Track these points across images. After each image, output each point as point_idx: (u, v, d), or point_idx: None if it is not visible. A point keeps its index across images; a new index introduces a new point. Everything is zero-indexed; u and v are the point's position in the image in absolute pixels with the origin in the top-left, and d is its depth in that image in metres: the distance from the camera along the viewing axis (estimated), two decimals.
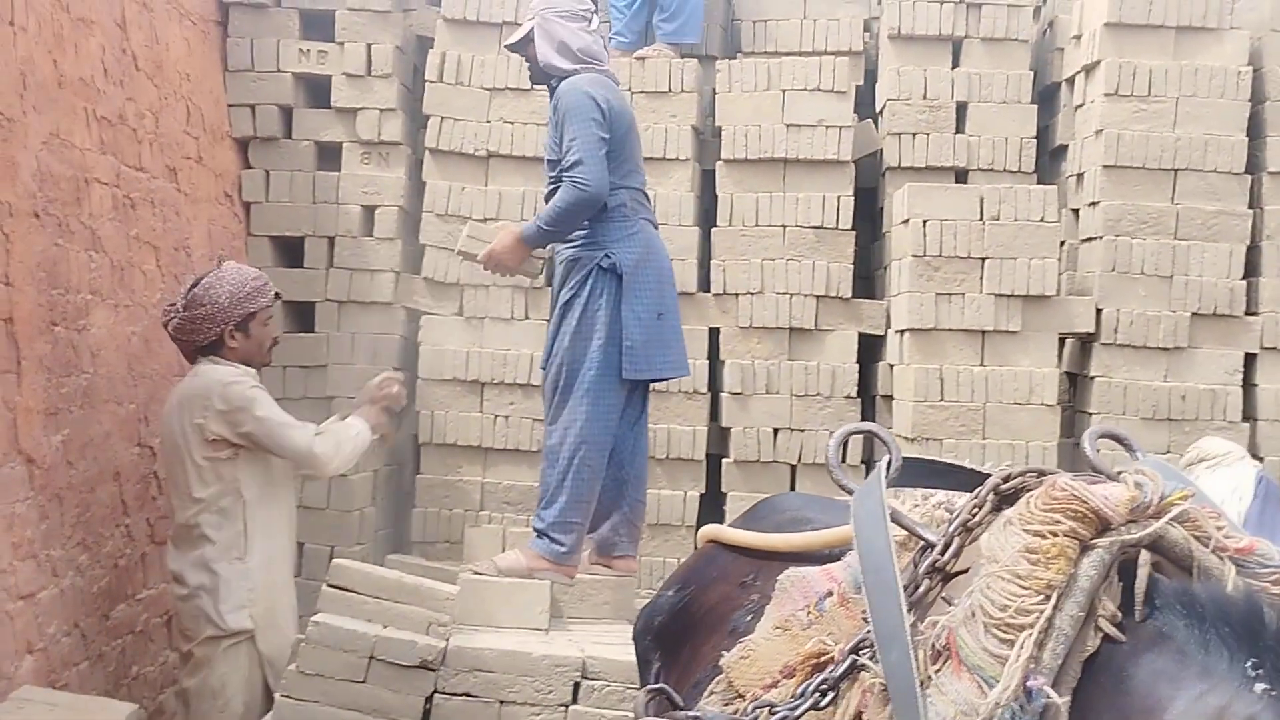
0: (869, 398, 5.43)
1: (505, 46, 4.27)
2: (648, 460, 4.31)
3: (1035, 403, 4.85)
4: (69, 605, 3.66)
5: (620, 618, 4.07)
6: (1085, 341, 5.13)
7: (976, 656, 1.36)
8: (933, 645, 1.41)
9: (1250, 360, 5.02)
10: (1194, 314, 4.99)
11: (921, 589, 1.52)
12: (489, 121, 5.37)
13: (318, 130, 5.46)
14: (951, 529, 1.56)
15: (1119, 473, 1.50)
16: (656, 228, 4.20)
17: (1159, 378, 4.98)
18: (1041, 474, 1.58)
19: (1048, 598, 1.35)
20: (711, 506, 5.26)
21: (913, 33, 5.45)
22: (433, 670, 3.12)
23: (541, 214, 4.01)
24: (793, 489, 5.20)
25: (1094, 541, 1.39)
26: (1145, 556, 1.39)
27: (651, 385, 4.23)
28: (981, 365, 4.88)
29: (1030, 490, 1.51)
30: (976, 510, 1.57)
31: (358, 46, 5.41)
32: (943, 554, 1.54)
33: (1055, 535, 1.38)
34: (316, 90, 5.51)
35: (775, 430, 5.21)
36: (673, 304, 4.11)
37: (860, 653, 1.48)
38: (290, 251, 5.48)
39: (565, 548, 3.95)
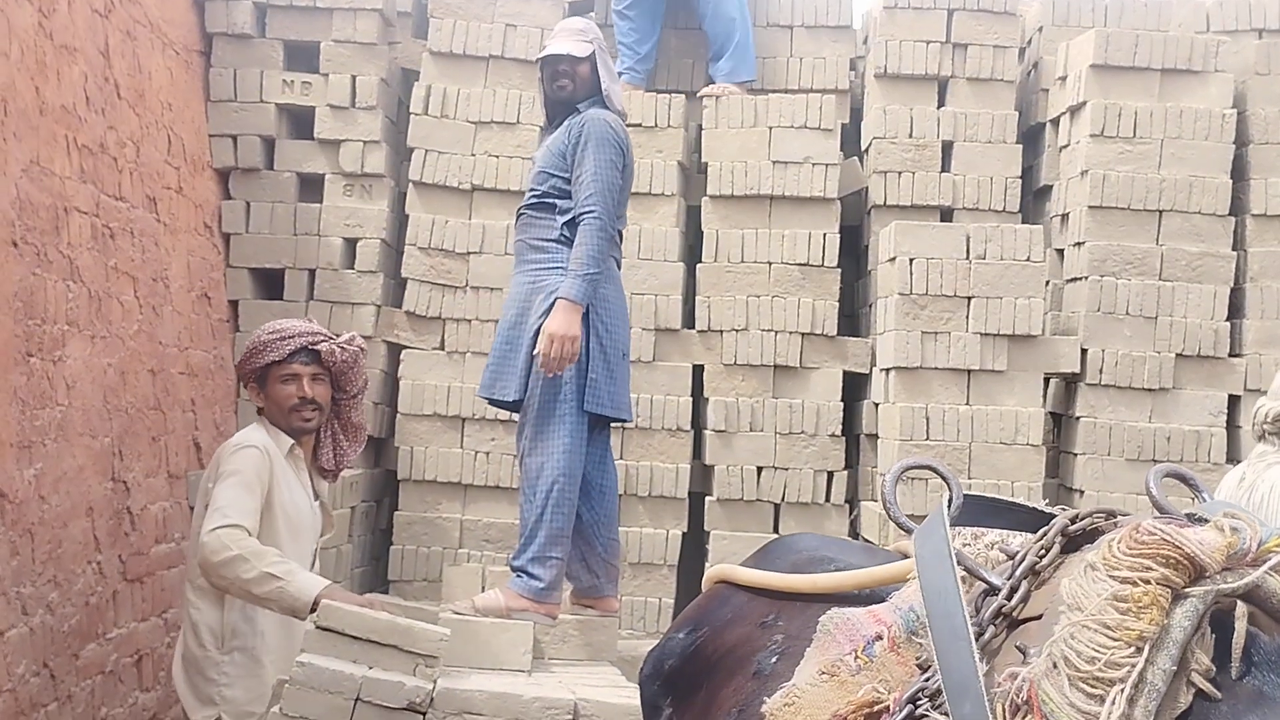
0: (853, 436, 5.40)
1: (545, 56, 4.09)
2: (617, 499, 4.27)
3: (1020, 442, 4.83)
4: (38, 644, 3.56)
5: (602, 659, 4.00)
6: (1070, 381, 5.12)
7: (1063, 712, 1.27)
8: (1011, 699, 1.31)
9: (1234, 402, 5.02)
10: (1178, 355, 4.99)
11: (986, 635, 1.43)
12: (474, 155, 5.34)
13: (300, 162, 5.41)
14: (1019, 573, 1.47)
15: (1196, 516, 1.42)
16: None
17: (1144, 418, 4.97)
18: (1110, 514, 1.51)
19: (1139, 650, 1.27)
20: (694, 545, 5.21)
21: (899, 72, 5.47)
22: (421, 713, 3.03)
23: (577, 266, 3.82)
24: (776, 528, 5.16)
25: (1187, 590, 1.30)
26: (1242, 608, 1.31)
27: (612, 424, 4.20)
28: (967, 404, 4.86)
29: (1102, 532, 1.44)
30: (1044, 552, 1.48)
31: (342, 78, 5.38)
32: (1009, 599, 1.45)
33: (1147, 583, 1.29)
34: (299, 121, 5.47)
35: (759, 468, 5.17)
36: (629, 345, 4.11)
37: (918, 703, 1.40)
38: (270, 283, 5.42)
39: (544, 583, 3.89)
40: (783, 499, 5.16)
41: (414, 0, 5.81)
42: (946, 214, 5.39)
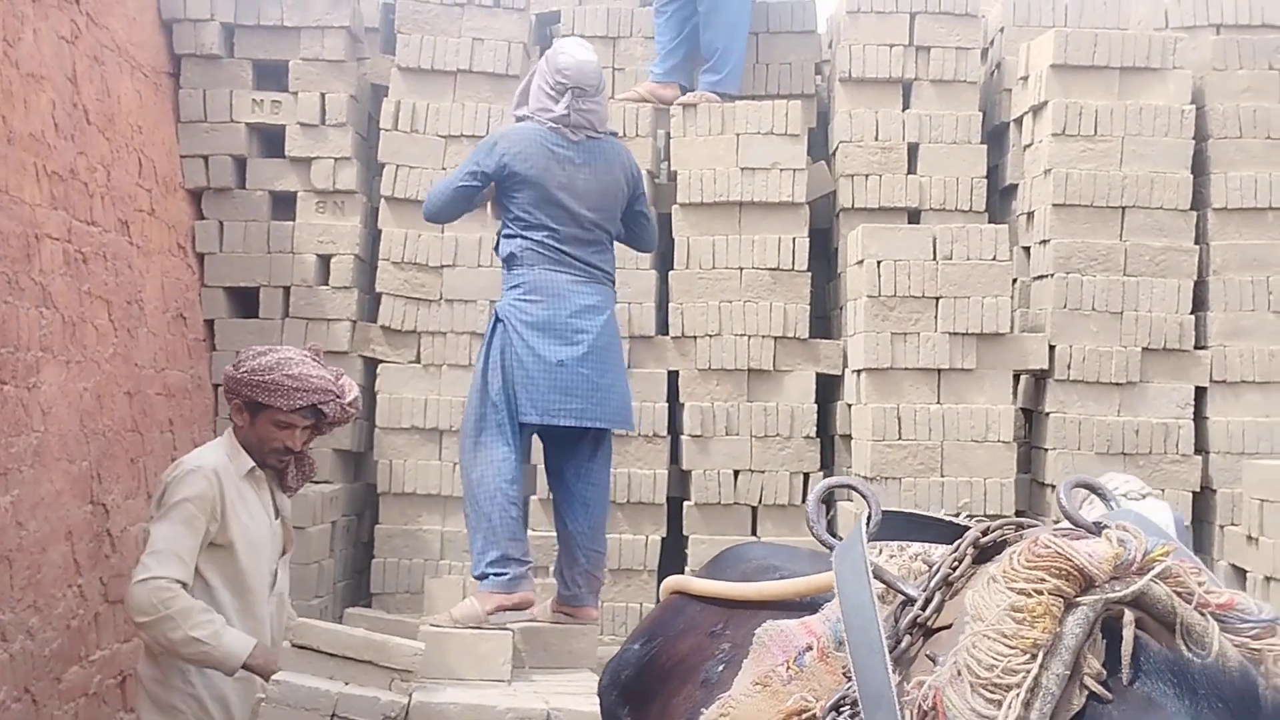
0: (828, 437, 5.45)
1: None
2: (605, 512, 4.33)
3: (992, 440, 4.89)
4: (19, 670, 3.59)
5: (583, 666, 4.05)
6: (1039, 378, 5.19)
7: (964, 717, 1.35)
8: (919, 706, 1.39)
9: (1200, 394, 5.09)
10: (1145, 349, 5.06)
11: (903, 645, 1.51)
12: (444, 168, 5.37)
13: (272, 180, 5.44)
14: (933, 584, 1.55)
15: (1099, 526, 1.49)
16: (591, 279, 4.24)
17: (1112, 412, 5.04)
18: (1020, 526, 1.58)
19: (1034, 657, 1.34)
20: (673, 550, 5.25)
21: (864, 76, 5.52)
22: None
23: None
24: (754, 531, 5.21)
25: (1079, 599, 1.38)
26: (1129, 615, 1.38)
27: (599, 435, 4.26)
28: (938, 403, 4.92)
29: (1010, 543, 1.51)
30: (957, 564, 1.56)
31: (311, 96, 5.41)
32: (924, 609, 1.53)
33: (1040, 593, 1.37)
34: (270, 140, 5.50)
35: (736, 472, 5.22)
36: (590, 355, 4.13)
37: (841, 711, 1.47)
38: (245, 302, 5.45)
39: (508, 574, 3.97)
40: (760, 502, 5.21)
41: (381, 16, 5.85)
42: (914, 215, 5.45)
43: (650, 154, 5.44)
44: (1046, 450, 5.07)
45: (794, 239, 5.32)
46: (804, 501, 5.25)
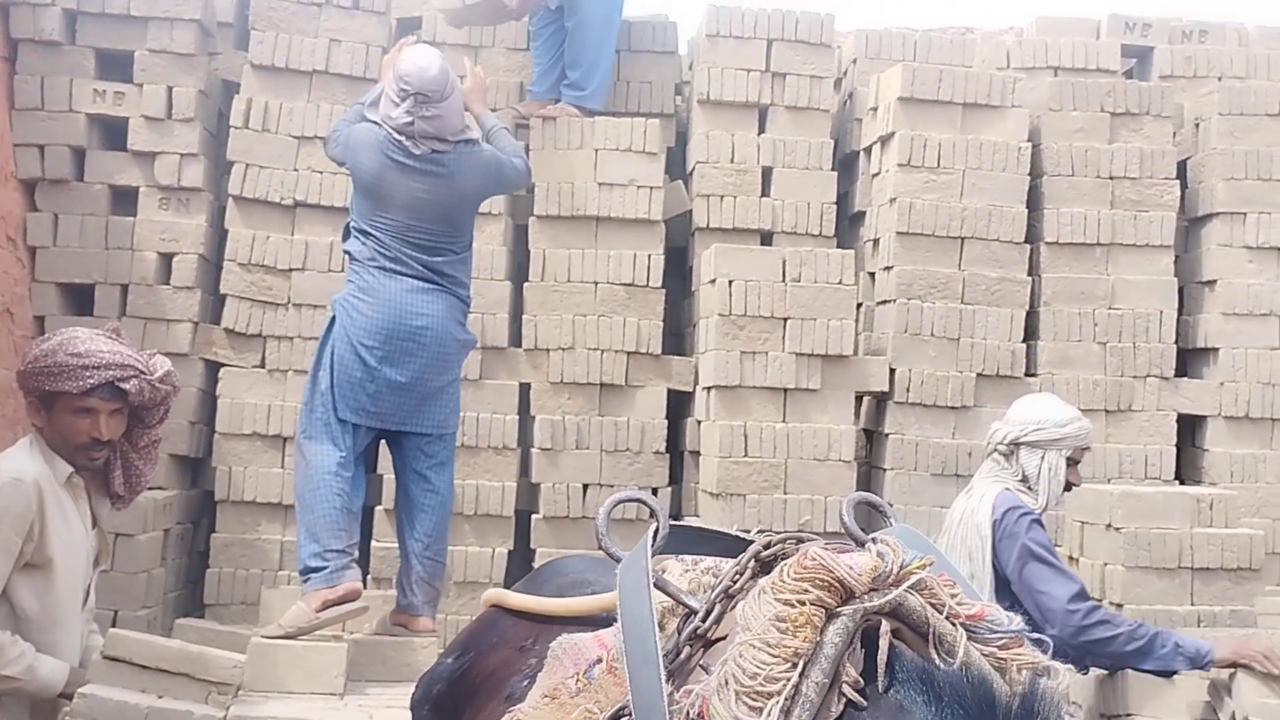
0: (678, 453, 5.51)
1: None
2: (446, 520, 4.30)
3: (834, 458, 5.01)
4: None
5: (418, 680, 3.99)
6: (880, 400, 5.35)
7: None
8: (687, 714, 1.43)
9: None
10: (979, 374, 5.26)
11: (682, 656, 1.56)
12: (296, 170, 5.27)
13: (112, 174, 5.24)
14: (713, 596, 1.60)
15: (869, 540, 1.57)
16: (429, 286, 4.22)
17: (947, 435, 5.22)
18: (800, 541, 1.64)
19: (795, 665, 1.40)
20: (521, 563, 5.23)
21: (721, 99, 5.62)
22: None
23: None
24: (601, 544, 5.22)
25: (839, 610, 1.44)
26: (886, 625, 1.45)
27: (439, 442, 4.28)
28: (783, 422, 5.02)
29: (788, 557, 1.56)
30: (738, 577, 1.61)
31: (158, 89, 5.24)
32: (703, 621, 1.58)
33: (803, 604, 1.43)
34: (112, 132, 5.30)
35: (585, 486, 5.23)
36: (405, 359, 4.13)
37: None
38: (79, 299, 5.23)
39: (329, 567, 3.94)
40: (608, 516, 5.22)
41: (235, 11, 5.70)
42: (767, 237, 5.56)
43: None
44: (885, 470, 5.22)
45: (649, 255, 5.38)
46: (651, 516, 5.29)
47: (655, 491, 5.28)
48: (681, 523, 1.82)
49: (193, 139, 5.26)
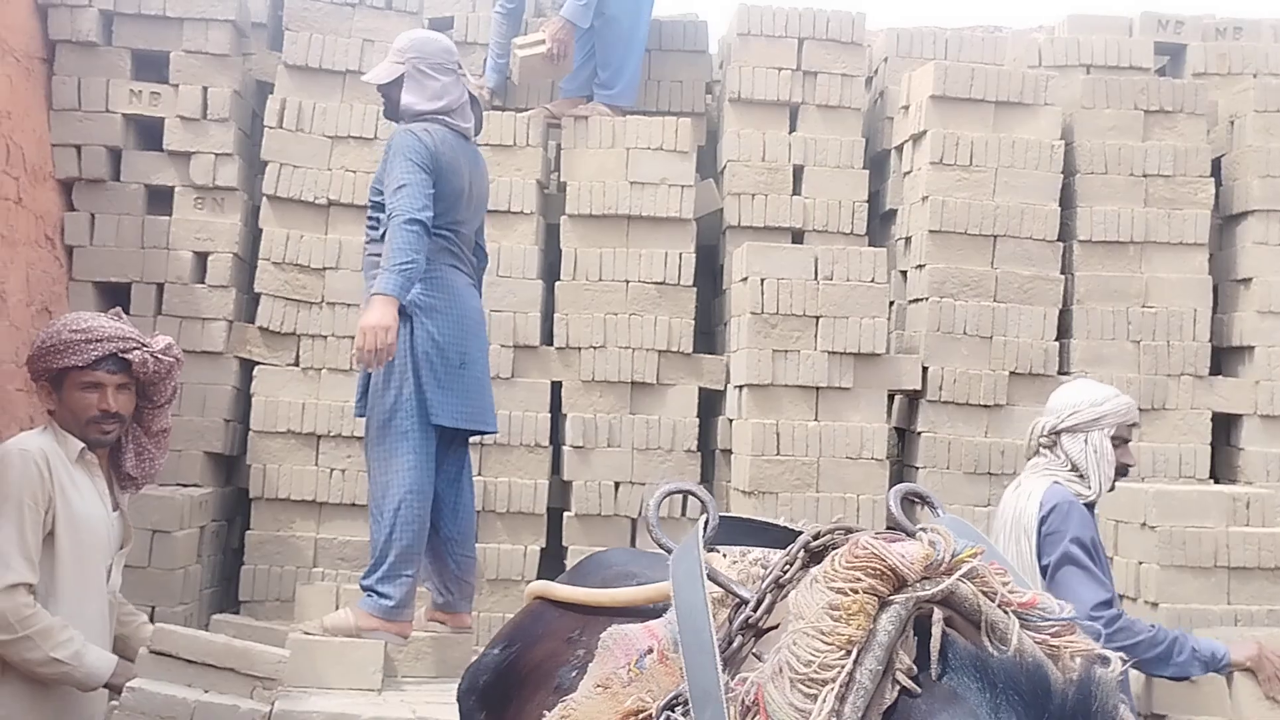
0: (709, 452, 5.52)
1: (367, 80, 4.26)
2: (474, 516, 4.29)
3: (866, 457, 5.01)
4: None
5: (456, 675, 3.99)
6: (912, 398, 5.34)
7: (782, 712, 1.40)
8: (743, 701, 1.45)
9: None
10: (1011, 373, 5.25)
11: (735, 645, 1.58)
12: (330, 169, 5.30)
13: (148, 174, 5.29)
14: (764, 586, 1.61)
15: (919, 530, 1.58)
16: (477, 282, 4.22)
17: (980, 433, 5.21)
18: (849, 531, 1.65)
19: (849, 653, 1.41)
20: (552, 561, 5.24)
21: (752, 97, 5.63)
22: None
23: (386, 263, 3.78)
24: (633, 543, 5.23)
25: (891, 598, 1.45)
26: (939, 613, 1.46)
27: (469, 440, 4.23)
28: (815, 420, 5.02)
29: (837, 547, 1.57)
30: (788, 567, 1.63)
31: (193, 89, 5.28)
32: (755, 610, 1.59)
33: (856, 592, 1.44)
34: (148, 132, 5.34)
35: (616, 484, 5.24)
36: (479, 356, 4.10)
37: (674, 709, 1.51)
38: (116, 298, 5.25)
39: (394, 601, 3.89)
40: (640, 514, 5.24)
41: (269, 12, 5.75)
42: (798, 236, 5.57)
43: (540, 164, 5.45)
44: (918, 468, 5.21)
45: (680, 254, 5.38)
46: (683, 514, 5.29)
47: None
48: (730, 515, 1.83)
49: (227, 139, 5.30)
